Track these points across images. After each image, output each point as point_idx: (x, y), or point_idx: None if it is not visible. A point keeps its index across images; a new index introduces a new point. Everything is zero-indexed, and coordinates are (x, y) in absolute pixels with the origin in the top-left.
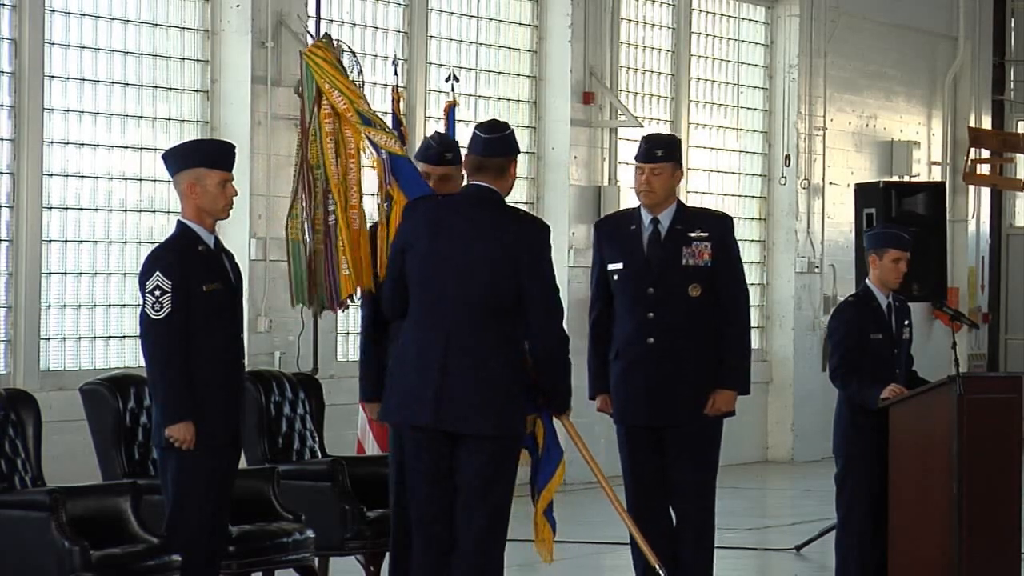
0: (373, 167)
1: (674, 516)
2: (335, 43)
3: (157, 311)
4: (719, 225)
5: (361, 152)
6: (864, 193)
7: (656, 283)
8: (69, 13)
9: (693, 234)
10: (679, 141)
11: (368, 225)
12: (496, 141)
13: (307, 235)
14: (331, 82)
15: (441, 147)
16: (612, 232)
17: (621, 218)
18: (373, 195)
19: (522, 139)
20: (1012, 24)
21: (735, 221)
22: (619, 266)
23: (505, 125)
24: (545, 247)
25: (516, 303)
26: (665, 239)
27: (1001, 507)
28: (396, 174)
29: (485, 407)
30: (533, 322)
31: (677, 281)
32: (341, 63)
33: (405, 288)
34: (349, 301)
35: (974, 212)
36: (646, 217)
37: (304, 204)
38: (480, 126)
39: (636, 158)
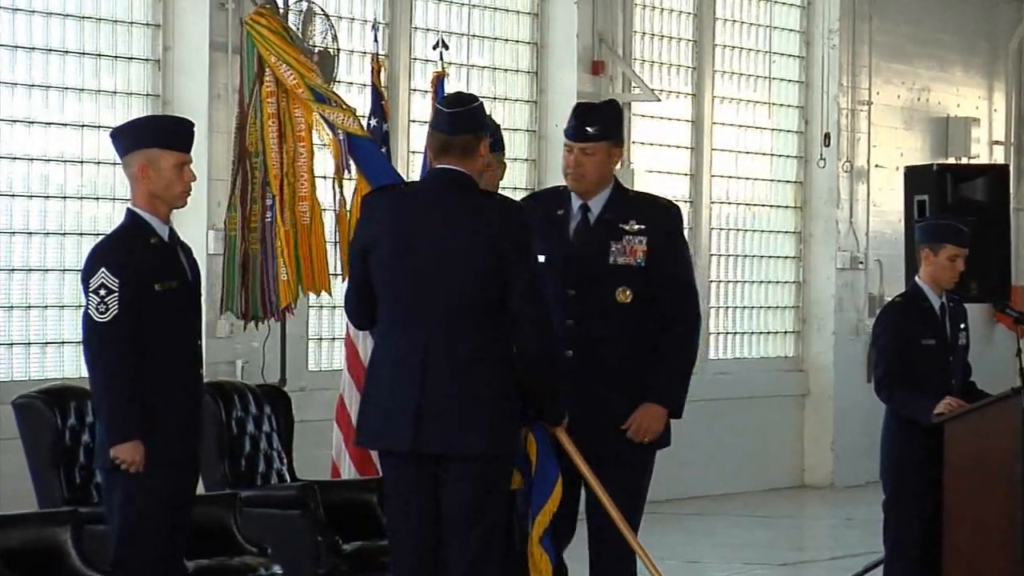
0: (328, 147)
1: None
2: (304, 6)
3: (102, 313)
4: (661, 217)
5: (314, 132)
6: (915, 177)
7: (577, 283)
8: None
9: (625, 226)
10: (620, 112)
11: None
12: (461, 116)
13: (242, 233)
14: (278, 54)
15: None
16: (540, 214)
17: (550, 198)
18: (330, 178)
19: (522, 115)
20: None
21: (768, 210)
22: (541, 259)
23: (472, 97)
24: (530, 235)
25: (502, 300)
26: (592, 230)
27: None
28: (356, 157)
29: (473, 422)
30: (523, 320)
31: (603, 283)
32: (289, 32)
33: (371, 295)
34: (288, 311)
35: None
36: (575, 201)
37: (240, 197)
38: (443, 100)
39: (565, 133)
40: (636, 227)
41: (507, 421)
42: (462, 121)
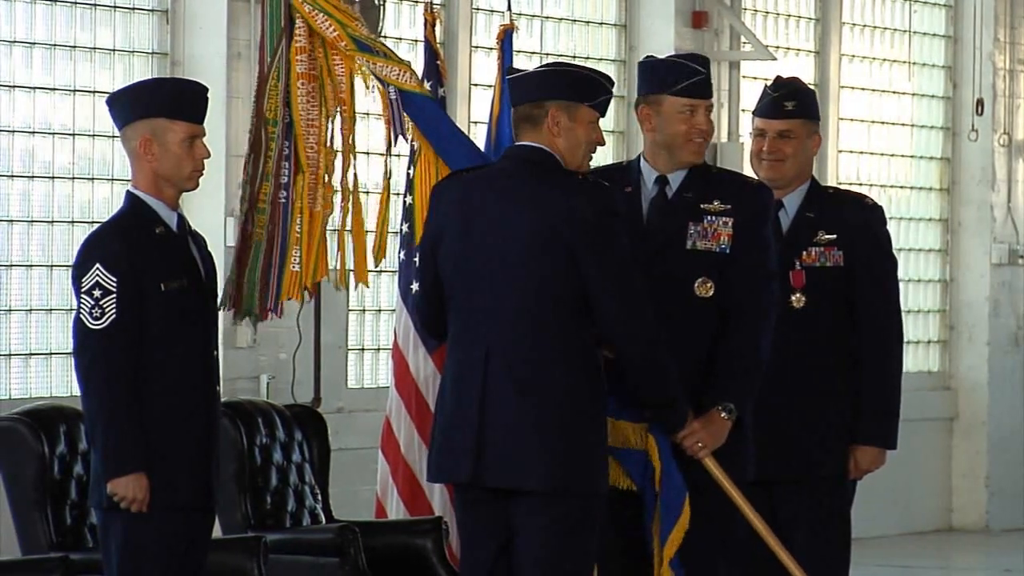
0: (378, 104)
1: None
2: None
3: (97, 319)
4: (751, 198)
5: (360, 88)
6: None
7: (648, 271)
8: None
9: (709, 205)
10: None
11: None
12: (523, 81)
13: (248, 216)
14: (312, 2)
15: (780, 93)
16: None
17: (616, 173)
18: (373, 155)
19: None
20: None
21: (908, 193)
22: None
23: (561, 65)
24: (611, 221)
25: (581, 302)
26: (671, 207)
27: None
28: (416, 118)
29: (539, 451)
30: (609, 326)
31: (678, 271)
32: None
33: (442, 298)
34: (276, 311)
35: None
36: (649, 175)
37: (254, 173)
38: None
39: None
40: (722, 207)
41: (583, 451)
42: (520, 87)
